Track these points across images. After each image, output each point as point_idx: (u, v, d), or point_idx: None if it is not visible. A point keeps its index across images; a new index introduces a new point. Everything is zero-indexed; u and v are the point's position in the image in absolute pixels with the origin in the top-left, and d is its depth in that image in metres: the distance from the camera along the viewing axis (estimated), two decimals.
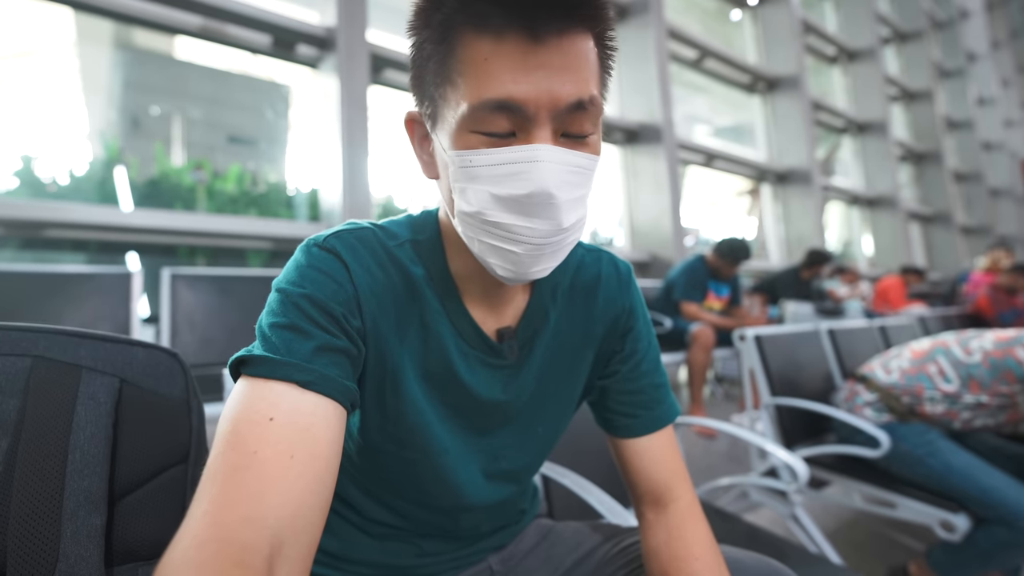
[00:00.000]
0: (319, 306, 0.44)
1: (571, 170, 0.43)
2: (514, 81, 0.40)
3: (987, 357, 1.37)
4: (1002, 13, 12.42)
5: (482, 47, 0.40)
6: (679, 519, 0.57)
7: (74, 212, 2.25)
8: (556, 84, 0.40)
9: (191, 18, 2.66)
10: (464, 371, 0.54)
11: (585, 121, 0.43)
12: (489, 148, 0.42)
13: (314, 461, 0.38)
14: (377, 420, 0.52)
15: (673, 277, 3.02)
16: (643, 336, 0.63)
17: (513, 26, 0.39)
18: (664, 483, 0.59)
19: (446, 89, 0.43)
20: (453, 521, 0.60)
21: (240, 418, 0.39)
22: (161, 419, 0.51)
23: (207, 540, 0.32)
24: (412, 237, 0.53)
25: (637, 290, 0.64)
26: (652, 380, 0.62)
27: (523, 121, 0.41)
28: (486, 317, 0.55)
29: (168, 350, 0.53)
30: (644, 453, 0.60)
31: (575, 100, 0.41)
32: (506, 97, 0.40)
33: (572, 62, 0.41)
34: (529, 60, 0.39)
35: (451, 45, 0.41)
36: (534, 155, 0.41)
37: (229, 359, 0.43)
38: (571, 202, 0.43)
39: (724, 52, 5.26)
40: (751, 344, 1.63)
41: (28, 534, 0.40)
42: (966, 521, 1.26)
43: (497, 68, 0.40)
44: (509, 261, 0.45)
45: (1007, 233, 9.58)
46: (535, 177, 0.41)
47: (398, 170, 3.63)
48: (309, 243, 0.49)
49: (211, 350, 1.84)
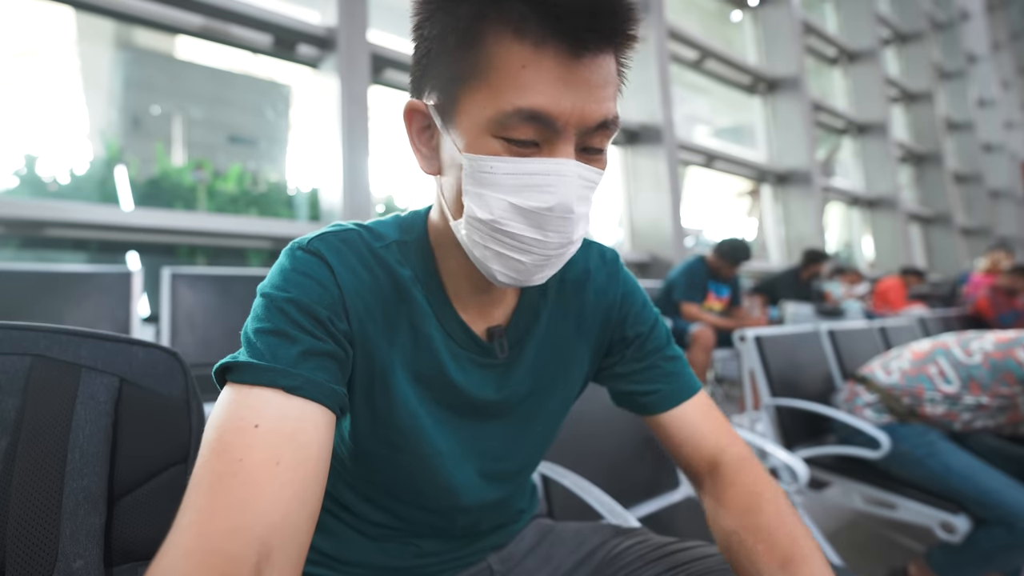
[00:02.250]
0: (304, 310, 0.44)
1: (587, 185, 0.44)
2: (551, 95, 0.39)
3: (987, 358, 1.37)
4: (1002, 15, 12.43)
5: (520, 53, 0.39)
6: (733, 472, 0.55)
7: (75, 211, 2.25)
8: (589, 102, 0.41)
9: (192, 18, 2.66)
10: (455, 372, 0.53)
11: (605, 139, 0.44)
12: (511, 156, 0.41)
13: (301, 467, 0.38)
14: (368, 423, 0.52)
15: (673, 278, 3.02)
16: (644, 319, 0.62)
17: (554, 38, 0.38)
18: (710, 449, 0.57)
19: (469, 86, 0.41)
20: (450, 522, 0.60)
21: (225, 426, 0.38)
22: (161, 419, 0.51)
23: (192, 551, 0.32)
24: (399, 238, 0.53)
25: (627, 274, 0.63)
26: (663, 353, 0.61)
27: (550, 134, 0.41)
28: (475, 317, 0.54)
29: (168, 349, 0.53)
30: (682, 426, 0.58)
31: (602, 119, 0.42)
32: (541, 110, 0.40)
33: (604, 81, 0.41)
34: (568, 75, 0.39)
35: (480, 42, 0.40)
36: (560, 169, 0.41)
37: (212, 369, 0.42)
38: (583, 216, 0.44)
39: (724, 53, 5.27)
40: (751, 345, 1.63)
41: (27, 533, 0.40)
42: (966, 522, 1.26)
43: (535, 79, 0.39)
44: (513, 269, 0.45)
45: (1007, 234, 9.58)
46: (559, 191, 0.41)
47: (398, 169, 3.63)
48: (293, 246, 0.48)
49: (211, 350, 1.84)
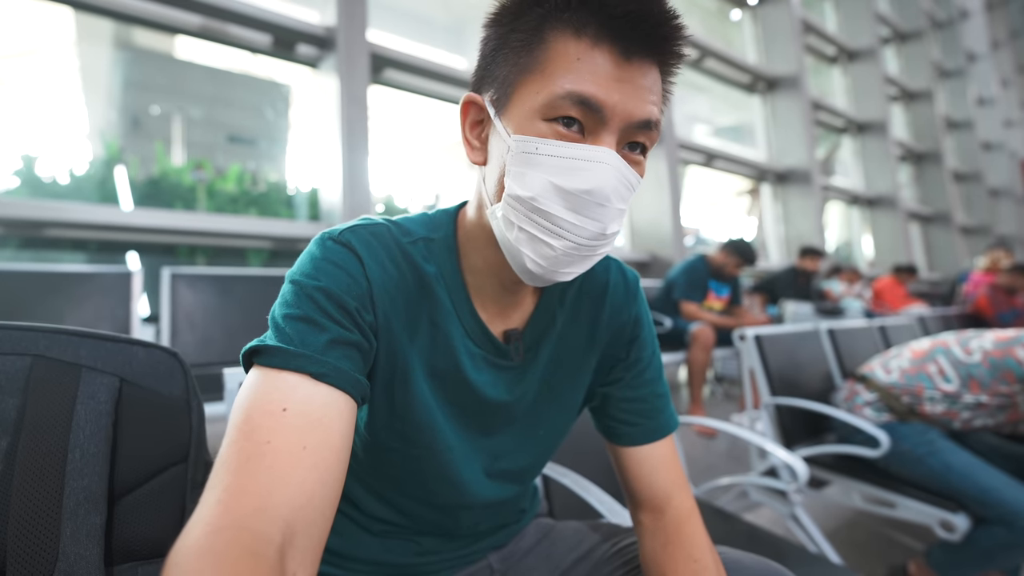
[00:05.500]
0: (333, 299, 0.45)
1: (624, 183, 0.45)
2: (600, 84, 0.42)
3: (987, 357, 1.37)
4: (1002, 13, 12.42)
5: (577, 48, 0.42)
6: (677, 523, 0.57)
7: (74, 211, 2.25)
8: (635, 100, 0.43)
9: (191, 17, 2.66)
10: (471, 370, 0.54)
11: (646, 140, 0.46)
12: (557, 140, 0.43)
13: (326, 452, 0.39)
14: (385, 416, 0.53)
15: (673, 277, 3.02)
16: (647, 345, 0.63)
17: (608, 39, 0.42)
18: (663, 491, 0.59)
19: (526, 77, 0.44)
20: (453, 519, 0.61)
21: (253, 407, 0.39)
22: (161, 418, 0.51)
23: (221, 528, 0.32)
24: (426, 235, 0.53)
25: (643, 300, 0.64)
26: (654, 389, 0.62)
27: (595, 123, 0.43)
28: (494, 318, 0.55)
29: (168, 349, 0.53)
30: (644, 462, 0.60)
31: (645, 119, 0.44)
32: (591, 96, 0.42)
33: (650, 85, 0.44)
34: (618, 72, 0.42)
35: (544, 40, 0.44)
36: (601, 156, 0.43)
37: (240, 351, 0.43)
38: (618, 212, 0.45)
39: (724, 52, 5.26)
40: (751, 344, 1.63)
41: (28, 533, 0.40)
42: (966, 521, 1.26)
43: (588, 69, 0.42)
44: (543, 256, 0.46)
45: (1006, 233, 9.58)
46: (599, 176, 0.43)
47: (398, 169, 3.63)
48: (324, 236, 0.49)
49: (211, 350, 1.84)
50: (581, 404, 0.64)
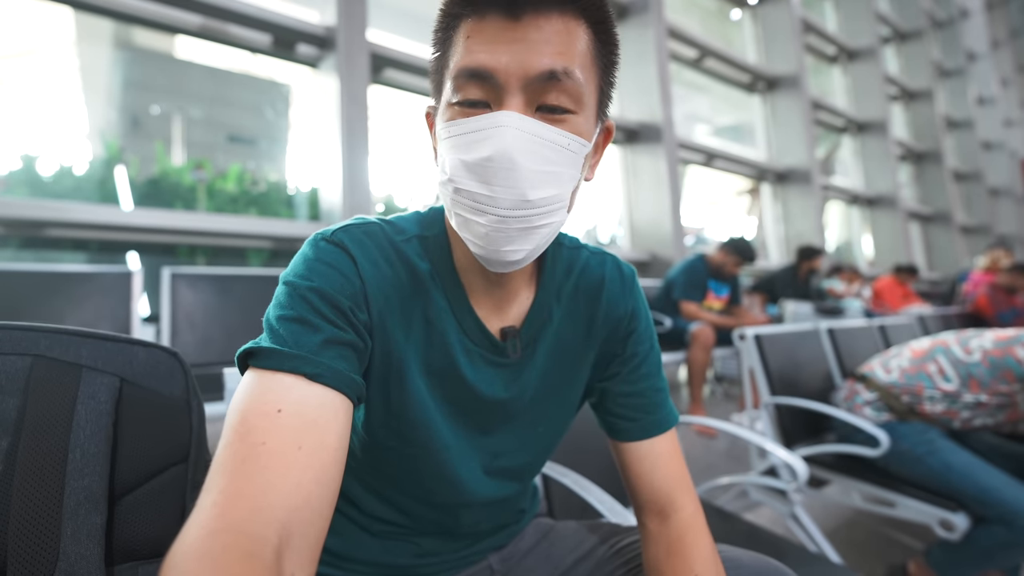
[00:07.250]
0: (327, 299, 0.45)
1: (540, 142, 0.43)
2: (487, 52, 0.42)
3: (987, 356, 1.37)
4: (1002, 12, 12.41)
5: (467, 27, 0.44)
6: (680, 532, 0.57)
7: (74, 211, 2.25)
8: (529, 55, 0.42)
9: (191, 17, 2.66)
10: (467, 368, 0.54)
11: (561, 94, 0.43)
12: (463, 118, 0.44)
13: (321, 453, 0.39)
14: (381, 415, 0.53)
15: (673, 276, 3.02)
16: (644, 339, 0.63)
17: (495, 6, 0.42)
18: (666, 492, 0.59)
19: (443, 75, 0.46)
20: (453, 518, 0.61)
21: (248, 409, 0.39)
22: (161, 418, 0.51)
23: (217, 531, 0.32)
24: (419, 233, 0.53)
25: (640, 294, 0.64)
26: (652, 384, 0.62)
27: (495, 91, 0.43)
28: (490, 315, 0.55)
29: (168, 349, 0.53)
30: (645, 458, 0.60)
31: (547, 70, 0.42)
32: (481, 66, 0.42)
33: (549, 37, 0.42)
34: (505, 34, 0.42)
35: (451, 38, 0.45)
36: (497, 120, 0.42)
37: (235, 353, 0.44)
38: (538, 174, 0.43)
39: (724, 51, 5.26)
40: (751, 343, 1.63)
41: (28, 533, 0.40)
42: (965, 520, 1.26)
43: (475, 42, 0.43)
44: (477, 236, 0.45)
45: (1007, 233, 9.58)
46: (496, 141, 0.42)
47: (398, 169, 3.63)
48: (317, 237, 0.49)
49: (211, 349, 1.84)
50: (580, 400, 0.64)
